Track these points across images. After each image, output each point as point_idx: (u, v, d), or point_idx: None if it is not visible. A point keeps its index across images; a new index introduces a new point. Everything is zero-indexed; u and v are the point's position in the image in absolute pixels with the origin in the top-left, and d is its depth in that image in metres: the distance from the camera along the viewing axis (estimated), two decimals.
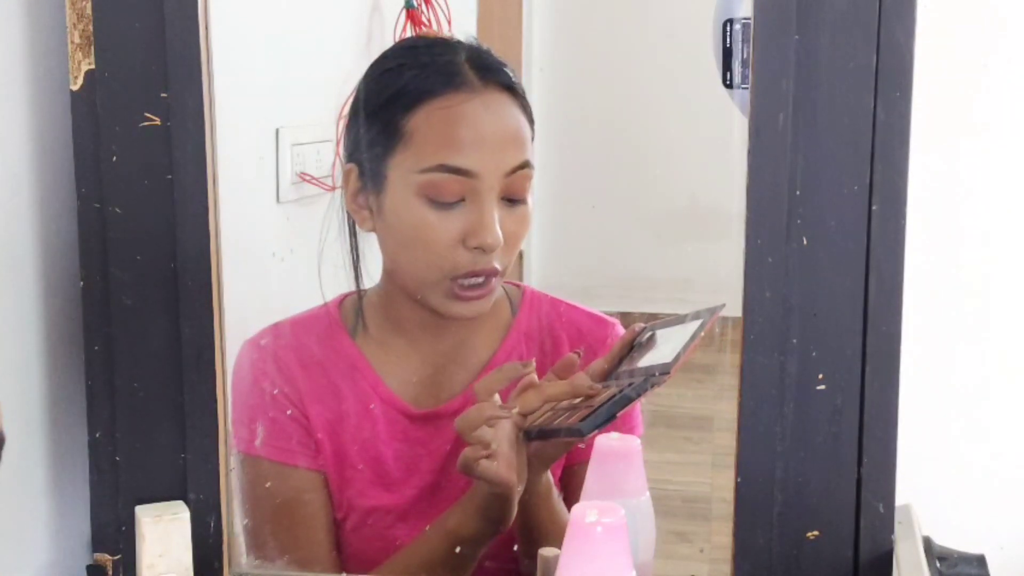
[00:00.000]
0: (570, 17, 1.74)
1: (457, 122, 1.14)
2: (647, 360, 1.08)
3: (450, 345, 1.23)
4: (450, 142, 1.14)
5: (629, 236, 1.59)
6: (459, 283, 1.15)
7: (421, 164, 1.14)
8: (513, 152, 1.15)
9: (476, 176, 1.13)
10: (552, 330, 1.25)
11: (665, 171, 1.60)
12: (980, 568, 1.00)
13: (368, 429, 1.20)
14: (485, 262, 1.14)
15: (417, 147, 1.14)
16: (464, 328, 1.22)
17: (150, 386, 1.07)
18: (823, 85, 0.97)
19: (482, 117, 1.15)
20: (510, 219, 1.15)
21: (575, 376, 1.08)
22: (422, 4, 1.43)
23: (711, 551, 1.18)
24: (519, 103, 1.18)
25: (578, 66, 1.70)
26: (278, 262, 1.39)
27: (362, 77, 1.21)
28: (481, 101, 1.15)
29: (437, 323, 1.20)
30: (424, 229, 1.14)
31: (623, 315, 1.63)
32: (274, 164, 1.39)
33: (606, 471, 1.01)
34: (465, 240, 1.13)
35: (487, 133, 1.15)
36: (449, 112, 1.14)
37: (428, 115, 1.14)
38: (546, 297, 1.28)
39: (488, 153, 1.14)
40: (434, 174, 1.13)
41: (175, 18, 1.02)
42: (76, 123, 1.05)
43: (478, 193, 1.13)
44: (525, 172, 1.15)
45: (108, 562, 1.09)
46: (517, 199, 1.16)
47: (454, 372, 1.23)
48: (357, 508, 1.21)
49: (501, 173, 1.14)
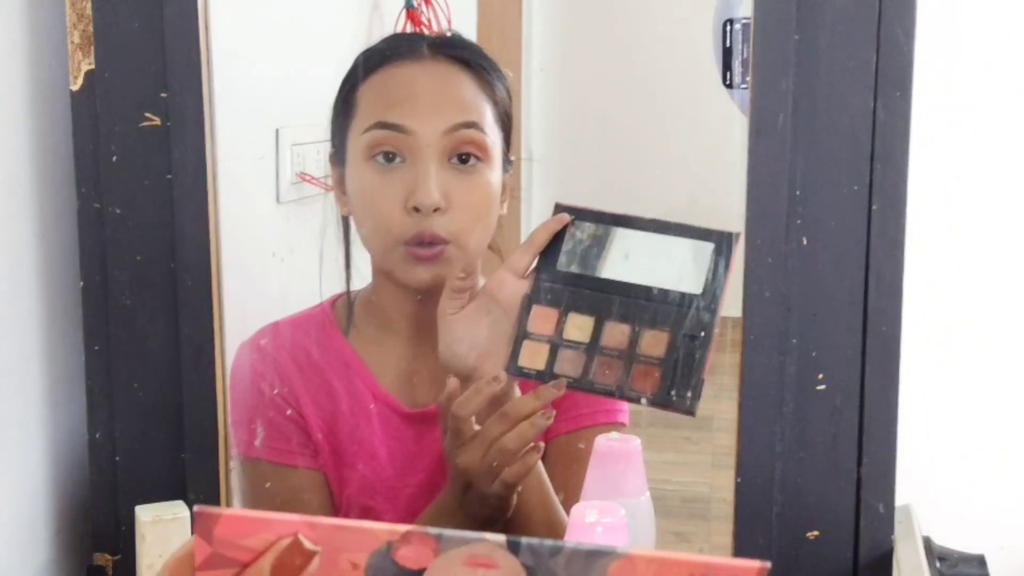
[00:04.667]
0: (570, 17, 1.74)
1: (393, 83, 1.17)
2: (632, 276, 1.03)
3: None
4: (386, 101, 1.16)
5: None
6: (411, 246, 1.14)
7: (363, 126, 1.16)
8: (452, 111, 1.15)
9: (410, 132, 1.14)
10: None
11: (665, 171, 1.60)
12: (980, 568, 1.00)
13: (364, 428, 1.20)
14: (427, 226, 1.13)
15: (362, 112, 1.17)
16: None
17: (150, 386, 1.07)
18: (823, 85, 0.97)
19: (420, 79, 1.17)
20: (458, 183, 1.14)
21: (540, 389, 1.03)
22: (422, 4, 1.43)
23: (711, 551, 1.18)
24: (473, 75, 1.18)
25: (578, 66, 1.70)
26: (278, 262, 1.39)
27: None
28: (422, 66, 1.17)
29: (425, 316, 1.20)
30: (371, 193, 1.15)
31: None
32: (274, 164, 1.39)
33: (606, 471, 1.01)
34: (406, 201, 1.13)
35: (421, 91, 1.16)
36: (389, 75, 1.17)
37: (372, 82, 1.17)
38: None
39: (422, 111, 1.15)
40: (373, 132, 1.15)
41: (175, 18, 1.03)
42: (76, 123, 1.05)
43: (416, 152, 1.14)
44: (468, 132, 1.15)
45: (108, 562, 1.09)
46: (466, 160, 1.15)
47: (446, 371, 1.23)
48: (356, 507, 1.21)
49: (438, 131, 1.14)
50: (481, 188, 1.16)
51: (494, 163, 1.17)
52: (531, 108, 1.52)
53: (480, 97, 1.17)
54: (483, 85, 1.18)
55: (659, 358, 0.99)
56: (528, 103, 1.48)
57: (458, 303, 1.07)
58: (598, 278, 1.03)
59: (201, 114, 1.04)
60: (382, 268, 1.19)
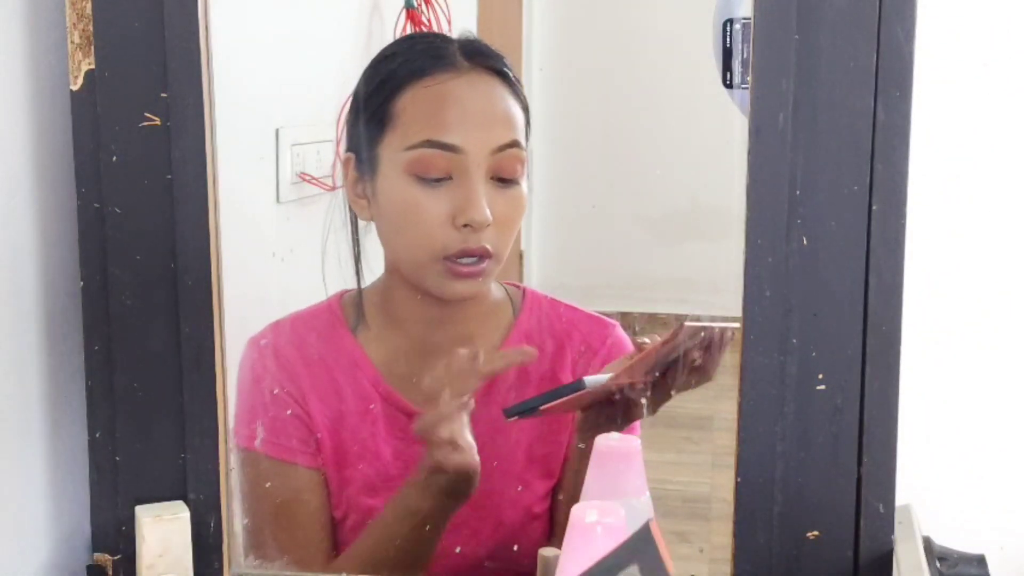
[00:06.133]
0: (570, 17, 1.73)
1: (442, 99, 1.16)
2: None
3: (451, 343, 1.23)
4: (435, 118, 1.15)
5: (629, 236, 1.59)
6: (452, 262, 1.15)
7: (408, 142, 1.15)
8: (500, 130, 1.16)
9: (462, 152, 1.14)
10: (553, 331, 1.25)
11: (665, 171, 1.60)
12: (980, 568, 1.00)
13: (368, 427, 1.20)
14: (475, 240, 1.14)
15: (404, 127, 1.16)
16: (465, 327, 1.22)
17: (150, 386, 1.07)
18: (823, 85, 0.97)
19: (467, 95, 1.16)
20: (501, 199, 1.16)
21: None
22: (422, 4, 1.43)
23: (711, 551, 1.18)
24: (510, 87, 1.19)
25: (578, 66, 1.70)
26: (278, 262, 1.39)
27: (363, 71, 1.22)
28: (466, 80, 1.17)
29: (437, 318, 1.20)
30: (414, 208, 1.15)
31: (623, 315, 1.63)
32: (274, 164, 1.39)
33: (606, 471, 1.01)
34: (454, 218, 1.14)
35: (472, 110, 1.16)
36: (433, 90, 1.16)
37: (414, 95, 1.16)
38: (546, 298, 1.28)
39: (473, 129, 1.15)
40: (421, 150, 1.15)
41: (175, 18, 1.02)
42: (76, 123, 1.05)
43: (465, 170, 1.14)
44: (514, 152, 1.16)
45: (108, 562, 1.09)
46: (508, 179, 1.16)
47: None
48: (356, 507, 1.21)
49: (488, 150, 1.14)
50: (518, 202, 1.18)
51: (525, 176, 1.19)
52: (531, 108, 1.52)
53: (518, 111, 1.19)
54: (517, 97, 1.19)
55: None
56: (528, 103, 1.48)
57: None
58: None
59: (201, 114, 1.04)
60: (412, 279, 1.19)
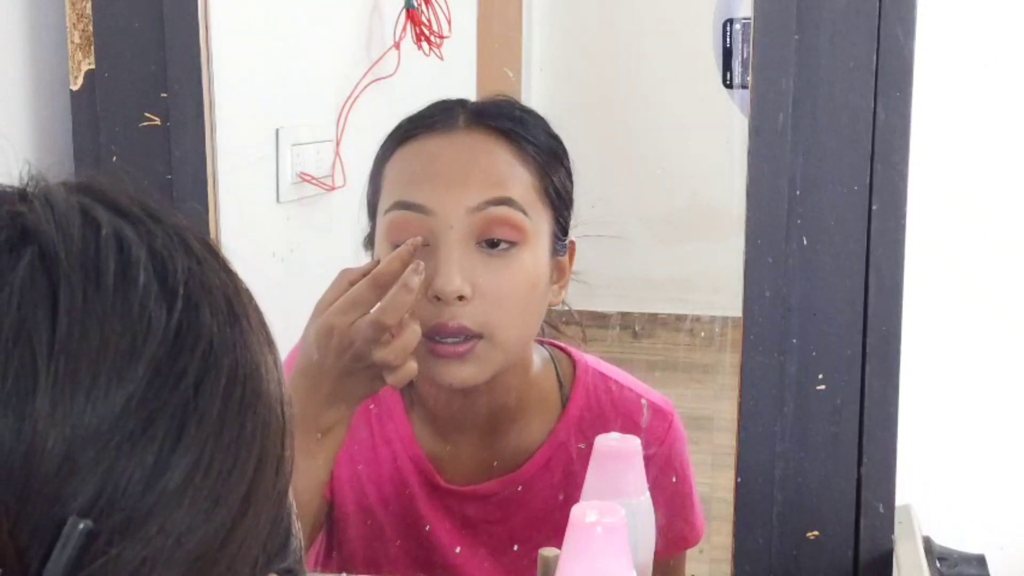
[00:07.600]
0: (570, 17, 1.74)
1: (416, 158, 1.06)
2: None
3: (493, 426, 1.13)
4: (406, 178, 1.05)
5: (629, 236, 1.59)
6: (432, 340, 1.01)
7: (385, 206, 1.05)
8: (477, 186, 1.03)
9: (431, 213, 1.01)
10: (604, 418, 1.13)
11: (665, 171, 1.60)
12: (980, 568, 1.00)
13: (391, 489, 1.14)
14: (449, 315, 1.00)
15: (386, 190, 1.06)
16: (508, 413, 1.12)
17: None
18: (823, 85, 0.97)
19: (446, 152, 1.05)
20: (487, 268, 1.02)
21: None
22: (422, 4, 1.43)
23: (711, 551, 1.18)
24: (511, 145, 1.06)
25: (578, 66, 1.70)
26: (278, 262, 1.40)
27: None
28: (451, 139, 1.05)
29: (458, 407, 1.11)
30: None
31: (623, 315, 1.63)
32: (274, 164, 1.40)
33: (606, 471, 1.01)
34: (426, 290, 0.99)
35: (444, 167, 1.04)
36: (412, 149, 1.06)
37: (397, 158, 1.07)
38: (599, 374, 1.15)
39: (443, 187, 1.02)
40: (393, 213, 1.03)
41: (175, 18, 1.03)
42: (76, 123, 1.05)
43: (436, 234, 1.01)
44: (499, 211, 1.02)
45: None
46: (498, 243, 1.02)
47: (496, 456, 1.13)
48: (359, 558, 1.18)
49: (461, 210, 1.01)
50: (515, 273, 1.03)
51: (534, 245, 1.04)
52: (531, 108, 1.53)
53: (517, 169, 1.05)
54: (523, 157, 1.05)
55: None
56: (528, 103, 1.48)
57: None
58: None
59: (201, 114, 1.04)
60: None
